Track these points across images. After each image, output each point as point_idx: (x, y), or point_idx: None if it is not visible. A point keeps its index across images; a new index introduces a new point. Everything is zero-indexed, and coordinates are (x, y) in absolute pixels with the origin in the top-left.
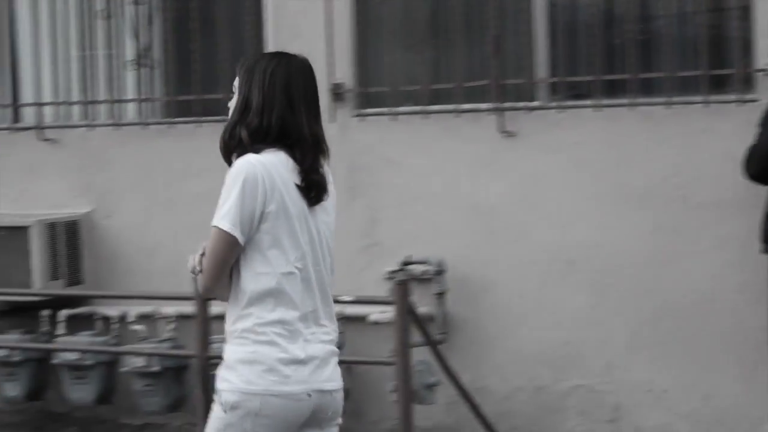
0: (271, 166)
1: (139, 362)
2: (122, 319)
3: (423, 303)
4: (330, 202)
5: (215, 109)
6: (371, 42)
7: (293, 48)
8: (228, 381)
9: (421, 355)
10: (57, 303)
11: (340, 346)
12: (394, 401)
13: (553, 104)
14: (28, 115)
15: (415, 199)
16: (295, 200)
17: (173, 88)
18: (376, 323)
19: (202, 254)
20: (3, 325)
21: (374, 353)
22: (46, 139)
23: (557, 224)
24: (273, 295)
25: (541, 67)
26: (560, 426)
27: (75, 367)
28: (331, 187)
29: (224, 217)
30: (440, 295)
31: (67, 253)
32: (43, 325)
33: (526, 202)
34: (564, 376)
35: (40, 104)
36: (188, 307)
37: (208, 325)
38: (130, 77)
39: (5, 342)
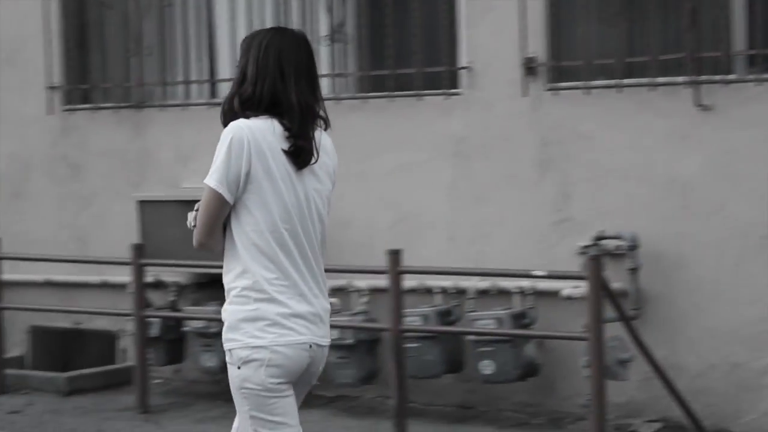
0: (258, 131)
1: (332, 335)
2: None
3: (616, 278)
4: (323, 170)
5: (408, 83)
6: (564, 15)
7: (486, 22)
8: (234, 340)
9: (614, 330)
10: None
11: (531, 321)
12: (586, 377)
13: (751, 77)
14: (225, 91)
15: (608, 174)
16: (281, 164)
17: (366, 63)
18: (568, 298)
19: (197, 210)
20: (201, 297)
21: (567, 328)
22: None
23: (753, 199)
24: (265, 253)
25: (739, 39)
26: (757, 405)
27: None
28: (326, 157)
29: (212, 175)
30: (633, 270)
31: None
32: None
33: (721, 177)
34: (761, 354)
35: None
36: (381, 281)
37: (401, 299)
38: (323, 52)
39: (203, 313)
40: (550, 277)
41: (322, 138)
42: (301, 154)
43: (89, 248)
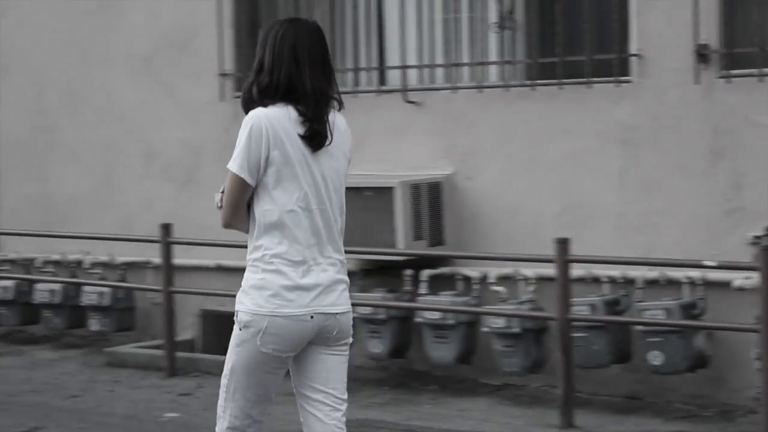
0: (275, 118)
1: (499, 323)
2: (483, 279)
3: None
4: (338, 149)
5: (577, 71)
6: (738, 1)
7: (658, 9)
8: (242, 303)
9: None
10: (419, 263)
11: (701, 312)
12: (758, 369)
13: None
14: (394, 78)
15: None
16: (297, 148)
17: (535, 51)
18: (740, 289)
19: (222, 192)
20: (368, 283)
21: (738, 319)
22: (411, 102)
23: None
24: (279, 229)
25: None
26: None
27: (436, 327)
28: (339, 137)
29: (234, 161)
30: None
31: (430, 214)
32: (406, 285)
33: None
34: None
35: (404, 67)
36: (548, 270)
37: (568, 288)
38: (493, 40)
39: (370, 300)
40: (720, 267)
41: (336, 118)
42: (316, 137)
43: None
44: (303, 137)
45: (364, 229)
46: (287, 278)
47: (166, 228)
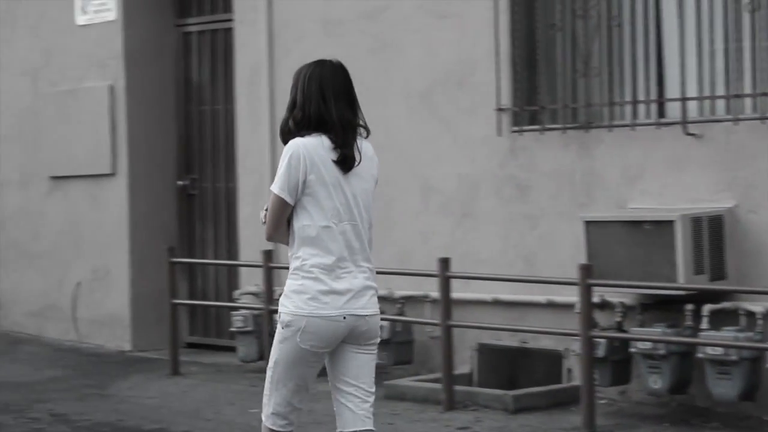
0: (311, 147)
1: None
2: (767, 315)
3: None
4: (366, 171)
5: None
6: None
7: None
8: (285, 306)
9: None
10: (700, 297)
11: None
12: None
13: None
14: (673, 110)
15: None
16: (331, 171)
17: None
18: None
19: (266, 210)
20: (647, 318)
21: None
22: (690, 134)
23: None
24: (315, 242)
25: None
26: None
27: (718, 362)
28: (367, 161)
29: (276, 183)
30: None
31: (711, 247)
32: (687, 319)
33: None
34: None
35: (684, 99)
36: None
37: None
38: None
39: (650, 335)
40: None
41: (363, 145)
42: (346, 161)
43: (536, 268)
44: (336, 162)
45: (643, 263)
46: (323, 284)
47: (445, 262)
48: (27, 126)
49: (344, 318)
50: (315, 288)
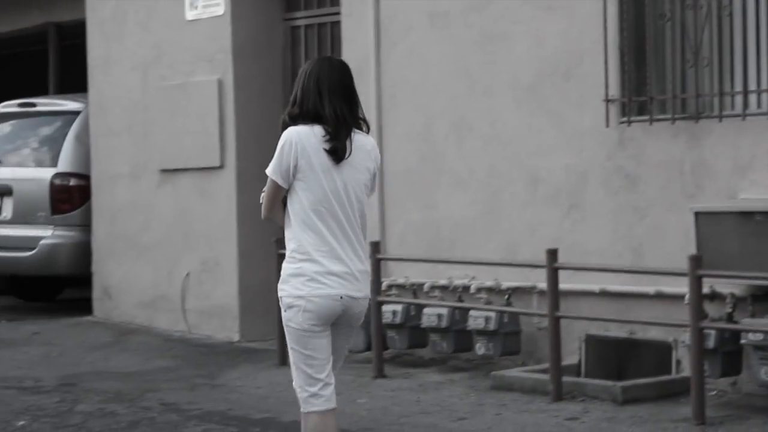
0: (304, 135)
1: None
2: None
3: None
4: (361, 163)
5: None
6: None
7: None
8: (284, 290)
9: None
10: None
11: None
12: None
13: None
14: None
15: None
16: (322, 159)
17: None
18: None
19: (264, 192)
20: (759, 308)
21: None
22: None
23: None
24: (308, 225)
25: None
26: None
27: None
28: (364, 154)
29: (270, 167)
30: None
31: None
32: None
33: None
34: None
35: None
36: None
37: None
38: None
39: (761, 326)
40: None
41: (363, 139)
42: (336, 152)
43: (644, 259)
44: (327, 151)
45: (754, 254)
46: (320, 265)
47: (552, 253)
48: (137, 120)
49: (341, 298)
50: (312, 269)
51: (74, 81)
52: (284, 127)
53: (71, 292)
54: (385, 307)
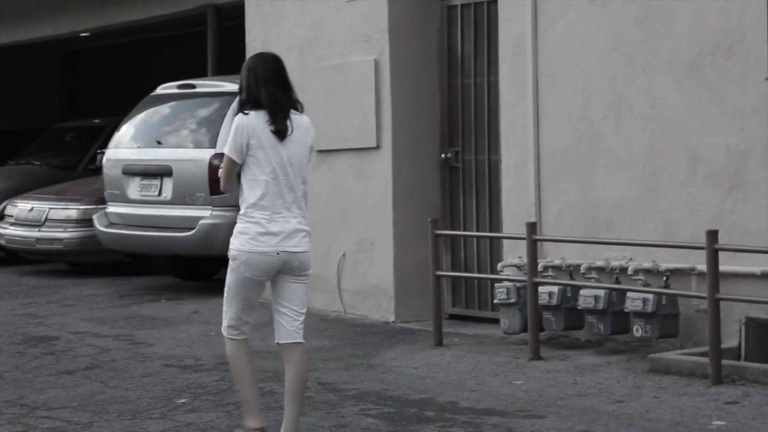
0: (252, 119)
1: None
2: None
3: None
4: (302, 139)
5: None
6: None
7: None
8: (232, 243)
9: None
10: None
11: None
12: None
13: None
14: None
15: None
16: (269, 138)
17: None
18: None
19: (221, 168)
20: None
21: None
22: None
23: None
24: (256, 192)
25: None
26: None
27: None
28: (303, 131)
29: (226, 147)
30: None
31: None
32: None
33: None
34: None
35: None
36: None
37: None
38: None
39: None
40: None
41: (302, 119)
42: (280, 132)
43: None
44: (273, 132)
45: None
46: (261, 227)
47: (712, 235)
48: None
49: (277, 254)
50: (254, 230)
51: (232, 62)
52: (236, 113)
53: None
54: (542, 289)
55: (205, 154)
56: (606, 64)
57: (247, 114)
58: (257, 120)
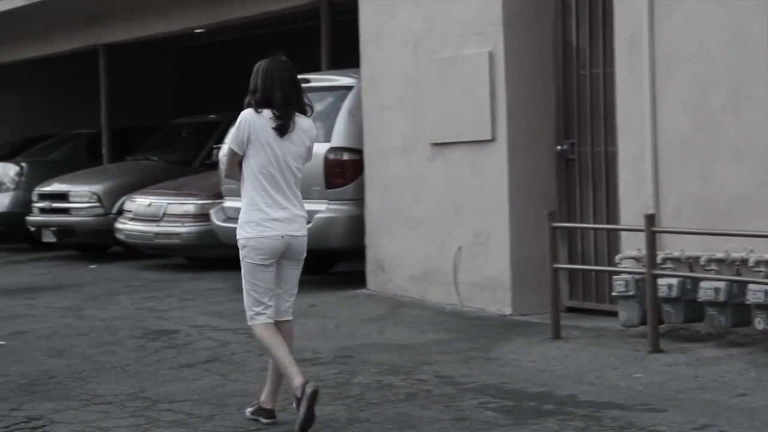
0: (256, 115)
1: None
2: None
3: None
4: (299, 139)
5: None
6: None
7: None
8: (240, 233)
9: None
10: None
11: None
12: None
13: None
14: None
15: None
16: (268, 134)
17: None
18: None
19: (225, 156)
20: None
21: None
22: None
23: None
24: (257, 183)
25: None
26: None
27: None
28: (302, 132)
29: (229, 138)
30: None
31: None
32: None
33: None
34: None
35: None
36: None
37: None
38: None
39: None
40: None
41: (304, 121)
42: (281, 128)
43: None
44: (274, 128)
45: None
46: (265, 214)
47: None
48: (409, 94)
49: (282, 237)
50: (259, 217)
51: (346, 56)
52: (244, 109)
53: (343, 266)
54: (661, 281)
55: (321, 148)
56: (724, 53)
57: (259, 112)
58: (259, 117)
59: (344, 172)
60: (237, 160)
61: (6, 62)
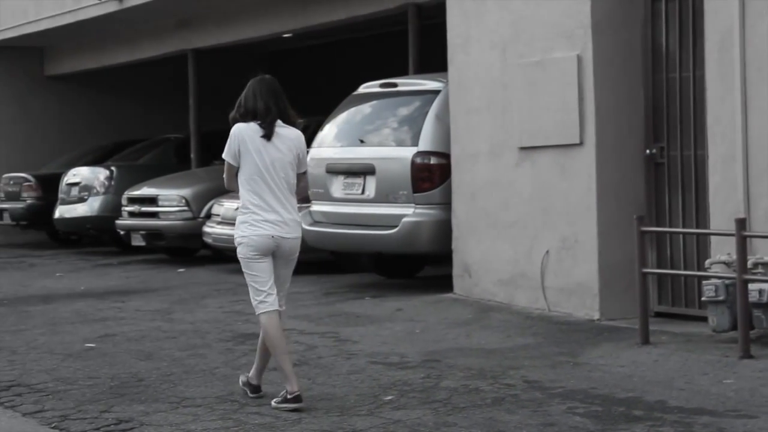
0: (245, 128)
1: None
2: None
3: None
4: (286, 147)
5: None
6: None
7: None
8: (236, 233)
9: None
10: None
11: None
12: None
13: None
14: None
15: None
16: (256, 143)
17: None
18: None
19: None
20: None
21: None
22: None
23: None
24: (251, 189)
25: None
26: None
27: None
28: (289, 141)
29: (224, 153)
30: None
31: None
32: None
33: None
34: None
35: None
36: None
37: None
38: None
39: None
40: None
41: (290, 132)
42: (266, 135)
43: None
44: (261, 137)
45: None
46: (258, 215)
47: None
48: (496, 98)
49: (272, 237)
50: (253, 218)
51: (433, 60)
52: (232, 124)
53: (430, 270)
54: (751, 286)
55: (408, 152)
56: None
57: (239, 124)
58: (248, 129)
59: (431, 176)
60: (234, 172)
61: (97, 67)
